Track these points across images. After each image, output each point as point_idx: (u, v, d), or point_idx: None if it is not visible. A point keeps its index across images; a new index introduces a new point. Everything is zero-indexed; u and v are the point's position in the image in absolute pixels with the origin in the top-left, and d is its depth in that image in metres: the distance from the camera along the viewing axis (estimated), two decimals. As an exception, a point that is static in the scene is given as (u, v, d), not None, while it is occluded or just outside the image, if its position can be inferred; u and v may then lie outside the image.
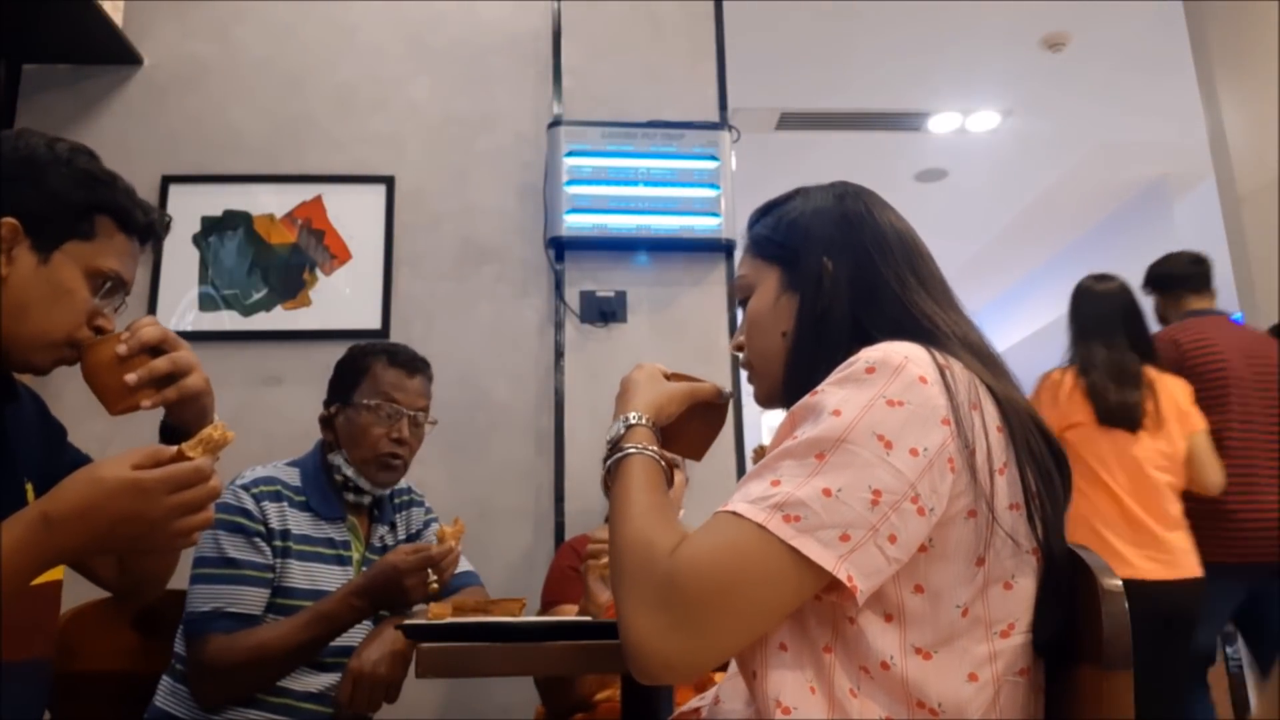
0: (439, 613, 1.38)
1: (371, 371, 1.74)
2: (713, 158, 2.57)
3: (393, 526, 1.81)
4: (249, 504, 1.60)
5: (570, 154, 2.51)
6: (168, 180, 2.51)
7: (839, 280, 0.93)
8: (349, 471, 1.71)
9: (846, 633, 0.75)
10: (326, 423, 1.76)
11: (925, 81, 4.11)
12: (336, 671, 1.59)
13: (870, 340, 0.86)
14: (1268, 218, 2.68)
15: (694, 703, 0.90)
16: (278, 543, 1.60)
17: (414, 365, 1.78)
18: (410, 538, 1.82)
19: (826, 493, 0.71)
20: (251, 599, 1.55)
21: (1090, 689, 0.79)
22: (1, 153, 1.06)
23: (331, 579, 1.64)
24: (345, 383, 1.76)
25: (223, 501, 1.56)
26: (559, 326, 2.50)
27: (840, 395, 0.77)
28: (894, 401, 0.75)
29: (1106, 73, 4.02)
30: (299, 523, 1.65)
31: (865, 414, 0.74)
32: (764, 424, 4.96)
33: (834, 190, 1.02)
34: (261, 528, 1.60)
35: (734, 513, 0.73)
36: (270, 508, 1.62)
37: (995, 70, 4.04)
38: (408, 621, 1.30)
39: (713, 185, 2.56)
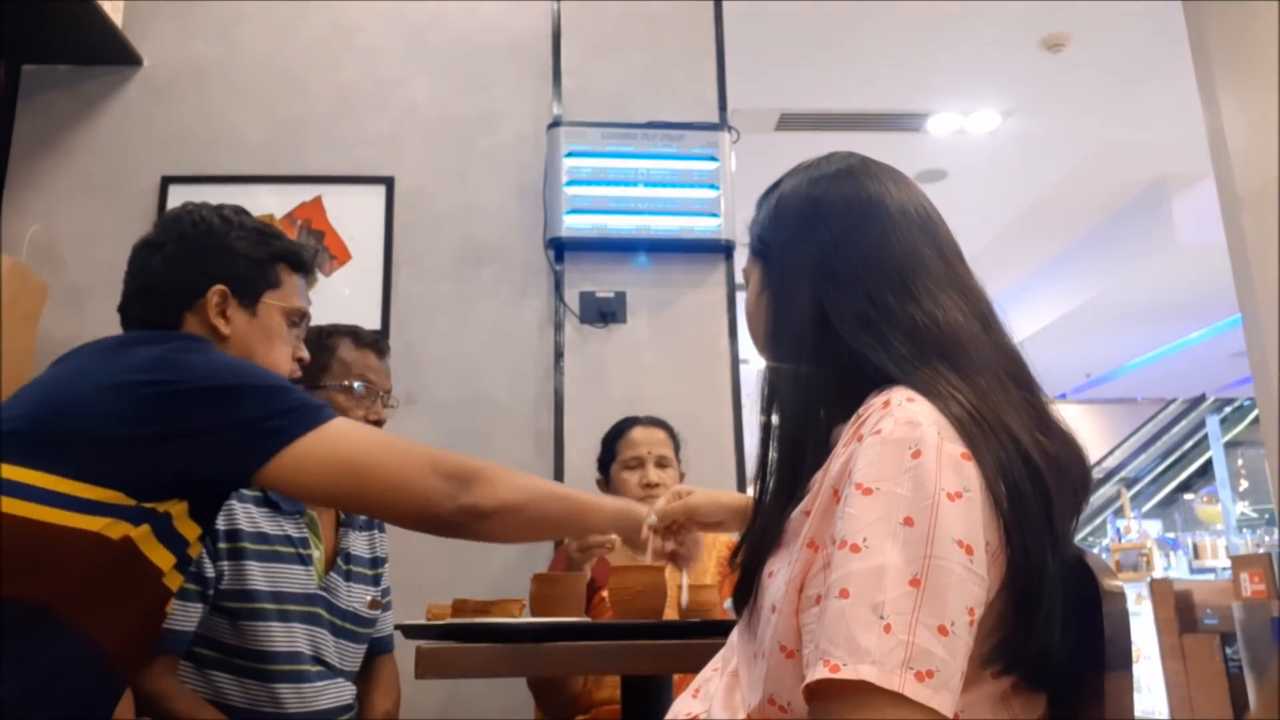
0: (438, 613, 1.38)
1: (339, 353, 1.71)
2: (712, 158, 2.57)
3: (360, 531, 1.77)
4: None
5: (570, 155, 2.51)
6: (167, 180, 2.51)
7: (801, 279, 0.88)
8: None
9: None
10: None
11: (925, 82, 4.11)
12: None
13: (832, 360, 0.83)
14: (1268, 218, 2.67)
15: (692, 707, 0.89)
16: (223, 544, 1.54)
17: (380, 345, 1.78)
18: (375, 560, 1.80)
19: (943, 631, 0.67)
20: (183, 614, 1.49)
21: (1091, 689, 0.79)
22: (184, 232, 1.25)
23: (294, 579, 1.59)
24: (310, 366, 1.65)
25: None
26: (558, 327, 2.50)
27: (901, 494, 0.71)
28: (954, 495, 0.71)
29: (1107, 73, 4.02)
30: (254, 520, 1.58)
31: (936, 517, 0.70)
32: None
33: (817, 168, 0.94)
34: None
35: (865, 681, 0.66)
36: None
37: (995, 71, 4.03)
38: (407, 622, 1.30)
39: (712, 186, 2.56)
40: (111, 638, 1.04)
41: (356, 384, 1.70)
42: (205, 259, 1.25)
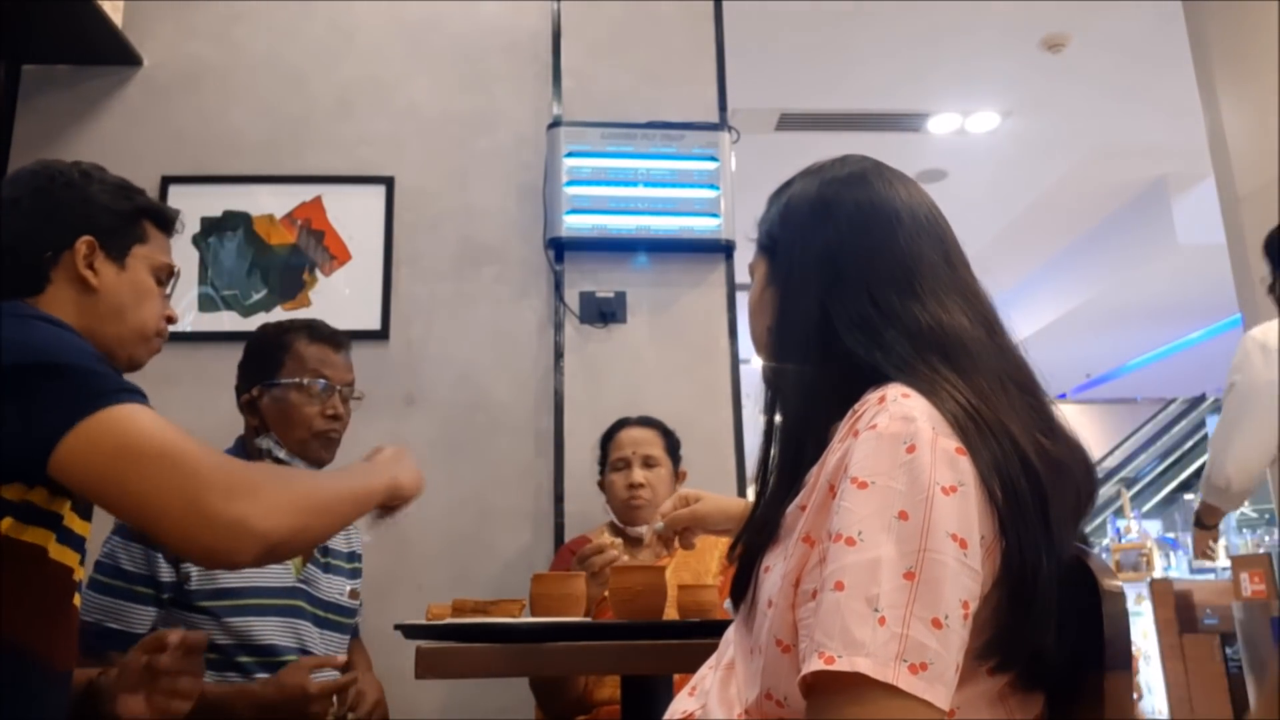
0: (438, 613, 1.38)
1: (294, 349, 1.70)
2: (712, 158, 2.57)
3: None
4: None
5: (570, 155, 2.51)
6: (168, 181, 2.51)
7: (807, 277, 0.89)
8: (281, 454, 1.67)
9: None
10: (250, 407, 1.70)
11: (925, 82, 4.12)
12: None
13: (834, 357, 0.84)
14: (1268, 218, 2.67)
15: (688, 705, 0.89)
16: None
17: (337, 339, 1.75)
18: (351, 555, 1.81)
19: (937, 624, 0.67)
20: (137, 617, 1.51)
21: (1091, 690, 0.79)
22: (40, 186, 1.18)
23: (270, 573, 1.60)
24: (266, 363, 1.70)
25: None
26: (558, 327, 2.50)
27: (896, 488, 0.71)
28: (948, 489, 0.71)
29: (1106, 73, 4.02)
30: None
31: (931, 511, 0.70)
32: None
33: (829, 169, 0.96)
34: None
35: (859, 674, 0.66)
36: None
37: (995, 71, 4.04)
38: (407, 622, 1.30)
39: (712, 186, 2.56)
40: (20, 625, 1.00)
41: (312, 380, 1.68)
42: (68, 211, 1.17)
